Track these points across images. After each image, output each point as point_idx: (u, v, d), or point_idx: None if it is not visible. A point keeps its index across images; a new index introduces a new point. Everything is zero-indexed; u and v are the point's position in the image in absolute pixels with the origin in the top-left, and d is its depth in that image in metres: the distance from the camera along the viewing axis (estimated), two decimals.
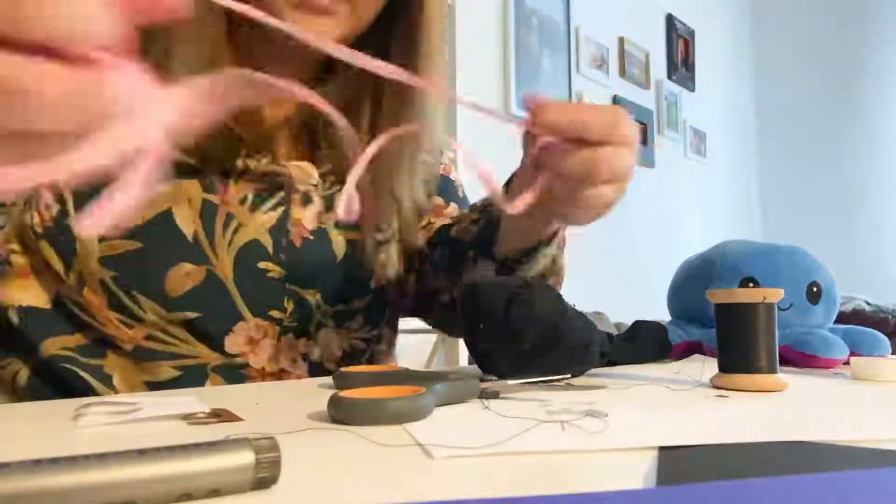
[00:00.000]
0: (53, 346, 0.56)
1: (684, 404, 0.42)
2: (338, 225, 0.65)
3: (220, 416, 0.37)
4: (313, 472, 0.26)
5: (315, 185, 0.65)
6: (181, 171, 0.58)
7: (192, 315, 0.58)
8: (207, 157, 0.59)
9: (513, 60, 2.53)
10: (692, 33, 3.74)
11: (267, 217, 0.61)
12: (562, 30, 2.81)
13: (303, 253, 0.62)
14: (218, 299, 0.59)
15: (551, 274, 0.68)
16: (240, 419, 0.36)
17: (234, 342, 0.60)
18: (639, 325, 0.71)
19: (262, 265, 0.60)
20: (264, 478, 0.23)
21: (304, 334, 0.64)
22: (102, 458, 0.20)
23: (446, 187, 0.80)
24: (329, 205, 0.65)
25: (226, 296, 0.59)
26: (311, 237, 0.63)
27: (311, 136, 0.68)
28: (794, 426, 0.36)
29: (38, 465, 0.19)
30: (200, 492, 0.21)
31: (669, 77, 3.55)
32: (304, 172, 0.64)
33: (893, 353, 0.72)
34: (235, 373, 0.60)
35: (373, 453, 0.29)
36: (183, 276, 0.57)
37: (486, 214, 0.68)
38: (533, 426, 0.33)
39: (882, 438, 0.32)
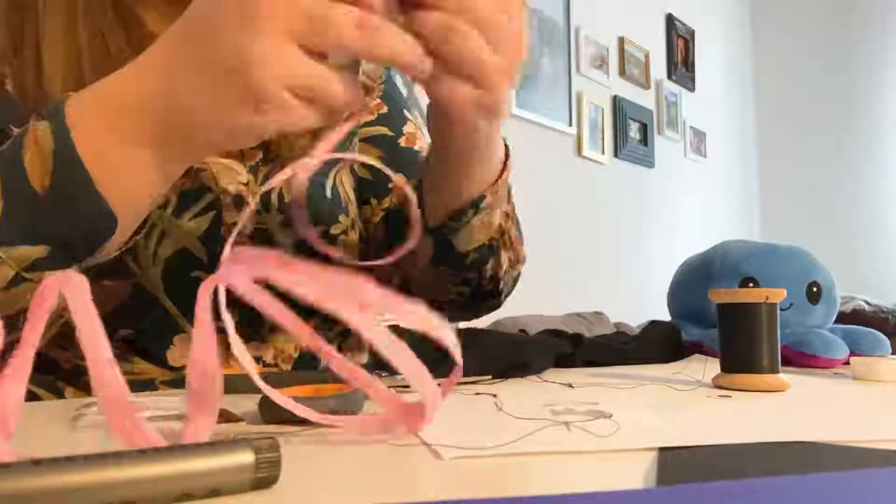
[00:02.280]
0: None
1: (688, 404, 0.42)
2: (285, 223, 0.60)
3: (221, 415, 0.37)
4: (313, 472, 0.26)
5: (246, 184, 0.58)
6: None
7: (124, 332, 0.54)
8: None
9: None
10: (692, 33, 3.74)
11: (194, 224, 0.55)
12: (562, 30, 2.80)
13: None
14: (151, 314, 0.54)
15: (502, 244, 0.61)
16: (240, 419, 0.36)
17: (178, 354, 0.56)
18: (653, 325, 0.71)
19: (195, 274, 0.56)
20: (264, 478, 0.23)
21: (255, 338, 0.59)
22: (102, 458, 0.20)
23: (407, 162, 0.72)
24: (266, 203, 0.59)
25: (159, 310, 0.54)
26: (249, 243, 0.57)
27: None
28: (795, 426, 0.36)
29: (38, 465, 0.19)
30: (200, 492, 0.21)
31: (669, 77, 3.55)
32: (231, 170, 0.58)
33: (893, 353, 0.72)
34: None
35: (373, 453, 0.29)
36: (107, 293, 0.52)
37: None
38: (539, 427, 0.33)
39: (882, 439, 0.32)
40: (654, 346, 0.68)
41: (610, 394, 0.46)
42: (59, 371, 0.55)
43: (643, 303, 2.76)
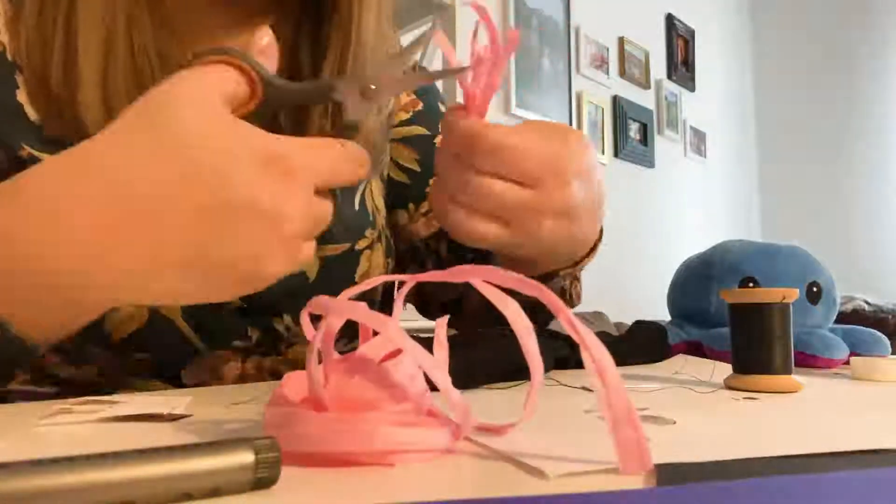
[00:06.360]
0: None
1: (727, 409, 0.41)
2: None
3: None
4: (313, 472, 0.26)
5: None
6: None
7: (140, 356, 0.53)
8: None
9: (513, 60, 2.53)
10: (692, 33, 3.74)
11: None
12: (562, 30, 2.81)
13: None
14: (168, 338, 0.53)
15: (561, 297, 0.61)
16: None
17: (194, 373, 0.55)
18: (638, 326, 0.71)
19: None
20: (264, 478, 0.23)
21: (272, 353, 0.58)
22: (102, 457, 0.20)
23: None
24: None
25: (176, 333, 0.53)
26: None
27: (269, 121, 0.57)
28: (818, 433, 0.35)
29: (38, 465, 0.19)
30: (200, 492, 0.21)
31: (669, 77, 3.55)
32: None
33: (893, 353, 0.72)
34: None
35: None
36: (125, 319, 0.51)
37: None
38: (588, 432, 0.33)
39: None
40: (643, 346, 0.68)
41: (641, 398, 0.44)
42: (71, 386, 0.53)
43: (643, 303, 2.76)
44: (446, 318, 0.36)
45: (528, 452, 0.28)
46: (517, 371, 0.52)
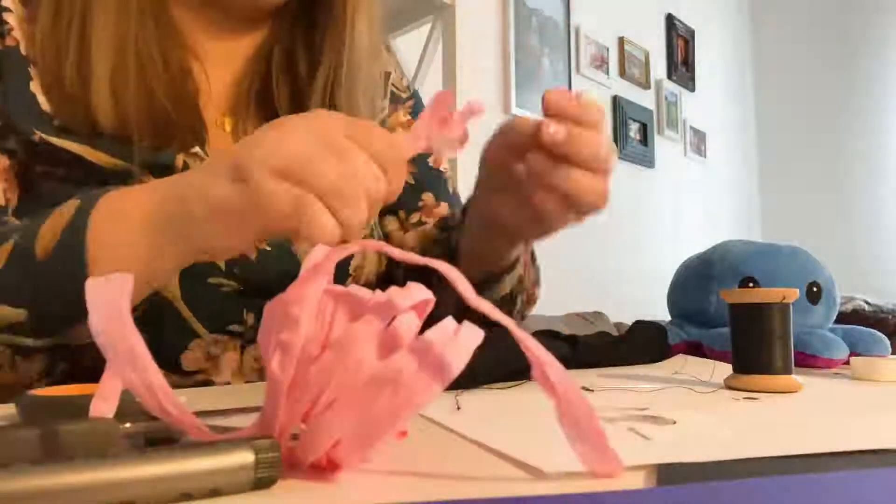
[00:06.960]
0: None
1: (728, 409, 0.41)
2: None
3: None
4: (313, 472, 0.26)
5: None
6: (108, 174, 0.53)
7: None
8: (135, 153, 0.54)
9: (513, 60, 2.53)
10: (692, 33, 3.74)
11: None
12: (562, 30, 2.80)
13: (260, 265, 0.57)
14: (168, 320, 0.54)
15: (519, 292, 0.65)
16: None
17: (192, 359, 0.56)
18: (638, 326, 0.71)
19: (213, 280, 0.56)
20: (264, 478, 0.23)
21: None
22: (102, 458, 0.20)
23: (436, 182, 0.74)
24: None
25: (176, 316, 0.55)
26: (269, 248, 0.58)
27: (264, 105, 0.63)
28: (818, 433, 0.35)
29: (38, 465, 0.19)
30: (200, 492, 0.21)
31: (669, 77, 3.54)
32: None
33: (893, 353, 0.72)
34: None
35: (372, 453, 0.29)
36: None
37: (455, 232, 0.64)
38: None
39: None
40: (643, 346, 0.68)
41: (641, 398, 0.44)
42: (77, 372, 0.54)
43: (643, 303, 2.76)
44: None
45: (529, 452, 0.28)
46: (517, 371, 0.51)
